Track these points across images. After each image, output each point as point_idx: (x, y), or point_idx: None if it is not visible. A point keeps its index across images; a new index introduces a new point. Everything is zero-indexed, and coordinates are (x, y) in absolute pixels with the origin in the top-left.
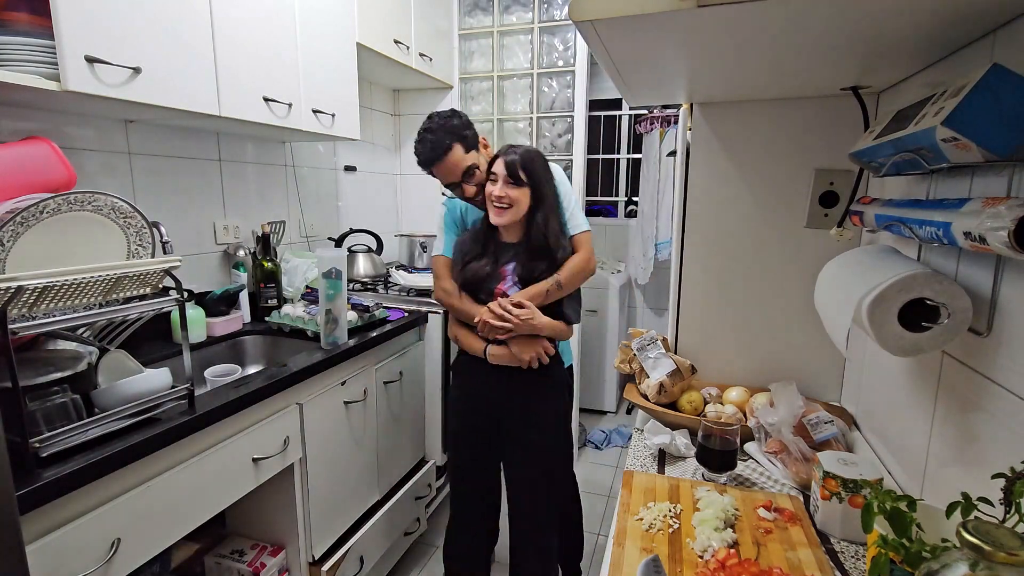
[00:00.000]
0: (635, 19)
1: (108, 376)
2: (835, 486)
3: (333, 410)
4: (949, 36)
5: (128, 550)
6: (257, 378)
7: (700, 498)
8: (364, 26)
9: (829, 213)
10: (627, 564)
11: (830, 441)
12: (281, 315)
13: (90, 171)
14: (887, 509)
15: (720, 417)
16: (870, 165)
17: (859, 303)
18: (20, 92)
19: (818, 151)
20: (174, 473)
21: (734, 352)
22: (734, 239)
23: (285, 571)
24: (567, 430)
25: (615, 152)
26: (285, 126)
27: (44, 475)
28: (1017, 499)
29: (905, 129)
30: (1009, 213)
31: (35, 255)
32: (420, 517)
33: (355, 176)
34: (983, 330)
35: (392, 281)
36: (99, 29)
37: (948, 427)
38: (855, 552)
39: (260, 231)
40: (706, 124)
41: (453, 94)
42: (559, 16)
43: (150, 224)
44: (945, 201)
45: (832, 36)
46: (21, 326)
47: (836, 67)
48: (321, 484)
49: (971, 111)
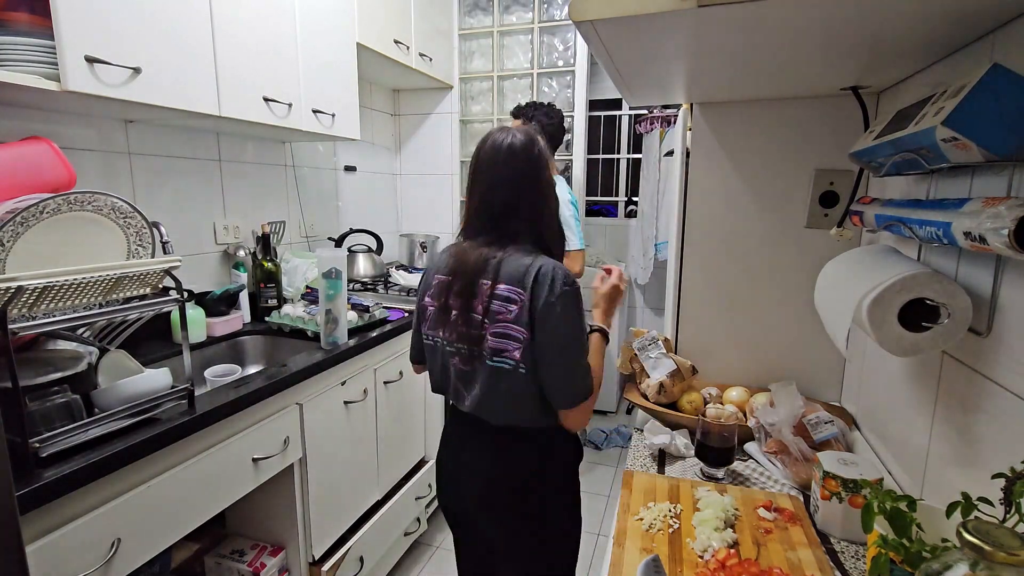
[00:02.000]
0: (635, 19)
1: (108, 376)
2: (835, 486)
3: (333, 410)
4: (949, 36)
5: (128, 550)
6: (257, 378)
7: (700, 498)
8: (364, 26)
9: (829, 213)
10: (627, 564)
11: (830, 441)
12: (281, 315)
13: (90, 171)
14: (887, 509)
15: (720, 417)
16: (870, 165)
17: (859, 303)
18: (20, 92)
19: (818, 151)
20: (174, 473)
21: (734, 352)
22: (734, 239)
23: (285, 571)
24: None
25: (615, 152)
26: (285, 126)
27: (44, 475)
28: (1017, 499)
29: (905, 129)
30: (1009, 213)
31: (35, 255)
32: (420, 517)
33: (355, 176)
34: (983, 330)
35: (392, 281)
36: (99, 29)
37: (948, 427)
38: (855, 552)
39: (260, 231)
40: (706, 124)
41: (453, 94)
42: (559, 16)
43: (150, 224)
44: (945, 201)
45: (832, 36)
46: (21, 326)
47: (836, 67)
48: (321, 484)
49: (971, 111)
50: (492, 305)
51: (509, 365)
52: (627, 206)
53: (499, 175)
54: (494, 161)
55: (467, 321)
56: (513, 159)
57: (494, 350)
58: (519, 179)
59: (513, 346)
